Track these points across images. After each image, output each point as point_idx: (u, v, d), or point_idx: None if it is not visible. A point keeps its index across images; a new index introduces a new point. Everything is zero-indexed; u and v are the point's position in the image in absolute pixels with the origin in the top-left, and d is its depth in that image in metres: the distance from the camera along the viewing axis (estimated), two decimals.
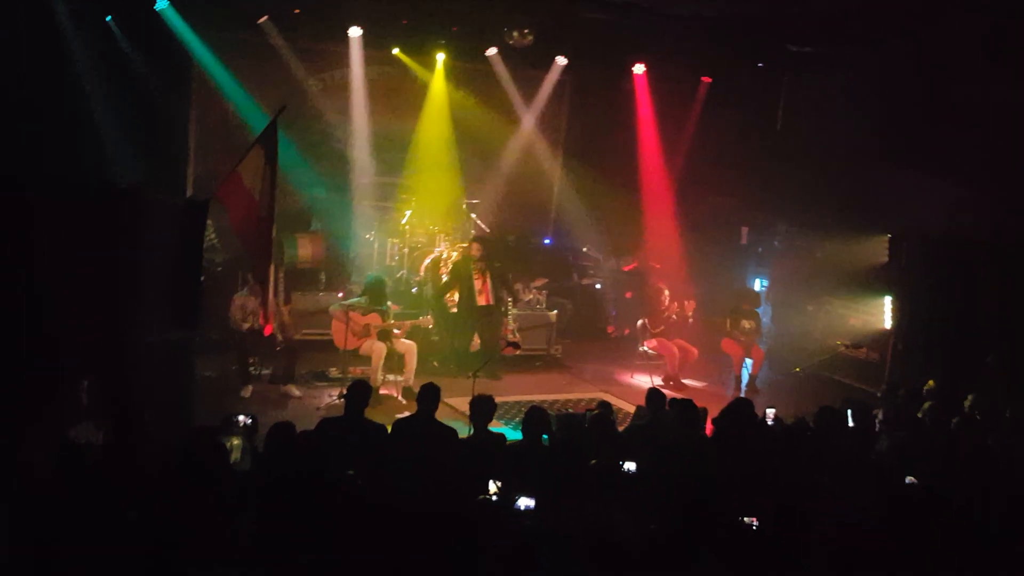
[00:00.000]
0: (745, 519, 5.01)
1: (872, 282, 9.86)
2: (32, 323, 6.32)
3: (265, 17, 10.99)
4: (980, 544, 4.81)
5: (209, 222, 9.60)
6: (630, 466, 5.86)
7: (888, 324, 9.64)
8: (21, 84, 8.61)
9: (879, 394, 8.61)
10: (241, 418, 6.38)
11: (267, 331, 9.15)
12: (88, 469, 4.93)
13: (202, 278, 9.30)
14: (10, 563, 4.05)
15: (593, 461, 5.86)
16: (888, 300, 9.66)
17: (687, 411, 6.63)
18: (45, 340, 6.33)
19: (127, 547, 4.19)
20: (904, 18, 9.25)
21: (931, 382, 8.21)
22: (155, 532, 4.32)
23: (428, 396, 6.37)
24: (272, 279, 9.20)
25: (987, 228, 7.99)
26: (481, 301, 10.68)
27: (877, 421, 7.55)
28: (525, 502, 5.07)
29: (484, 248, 10.88)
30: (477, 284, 10.70)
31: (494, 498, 5.39)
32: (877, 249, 9.77)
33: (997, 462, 6.49)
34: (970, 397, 7.57)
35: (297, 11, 10.94)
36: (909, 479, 5.89)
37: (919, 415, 7.63)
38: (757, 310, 10.97)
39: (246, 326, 9.39)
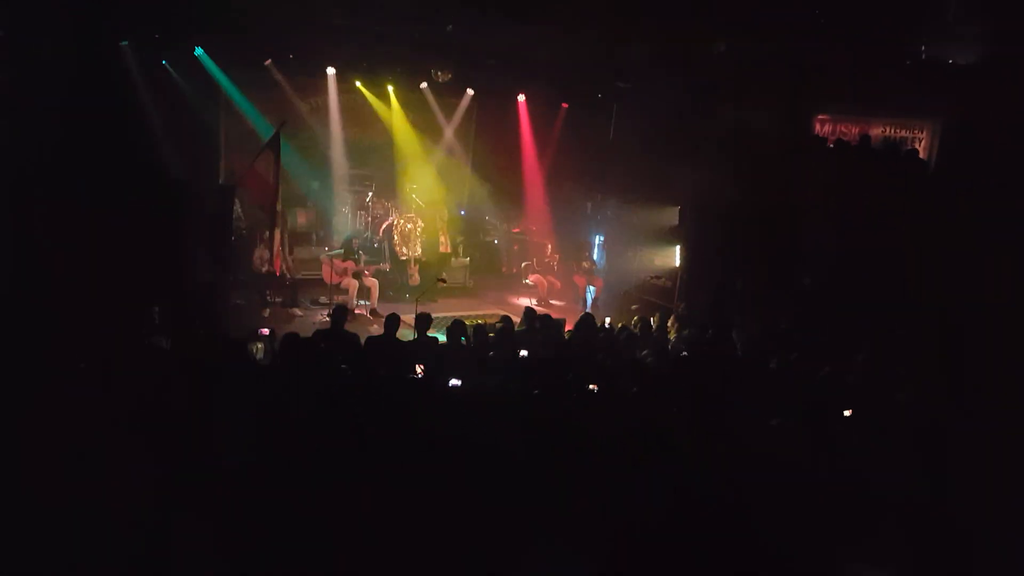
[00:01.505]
0: (590, 386, 5.22)
1: (668, 236, 9.97)
2: (119, 270, 6.05)
3: (269, 60, 10.46)
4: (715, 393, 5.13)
5: (236, 200, 9.26)
6: (523, 353, 5.98)
7: (677, 263, 9.80)
8: (102, 111, 7.97)
9: (673, 308, 8.89)
10: (262, 330, 6.28)
11: (277, 272, 8.97)
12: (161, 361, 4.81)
13: (232, 238, 9.01)
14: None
15: (491, 352, 5.95)
16: (678, 248, 9.80)
17: (551, 322, 6.90)
18: (129, 281, 6.07)
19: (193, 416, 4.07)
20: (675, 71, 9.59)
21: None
22: (207, 406, 4.21)
23: (392, 322, 6.25)
24: (279, 237, 8.96)
25: (728, 202, 8.13)
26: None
27: (671, 323, 7.77)
28: (453, 381, 5.12)
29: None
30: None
31: (420, 376, 5.47)
32: (671, 216, 9.90)
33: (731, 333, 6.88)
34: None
35: (291, 56, 10.44)
36: (683, 353, 6.17)
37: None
38: (592, 257, 11.18)
39: (264, 269, 9.14)
